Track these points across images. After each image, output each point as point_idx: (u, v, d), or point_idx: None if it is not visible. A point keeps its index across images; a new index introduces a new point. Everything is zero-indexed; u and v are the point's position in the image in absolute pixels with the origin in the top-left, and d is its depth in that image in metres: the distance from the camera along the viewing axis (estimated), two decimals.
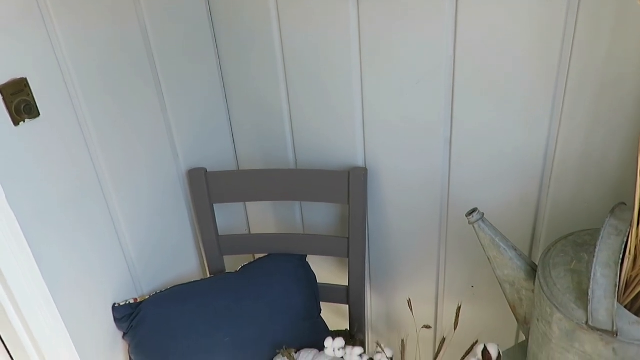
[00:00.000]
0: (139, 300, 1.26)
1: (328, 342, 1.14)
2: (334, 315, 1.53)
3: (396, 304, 1.44)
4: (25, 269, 1.00)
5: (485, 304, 1.27)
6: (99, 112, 1.10)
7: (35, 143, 0.98)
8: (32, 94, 0.94)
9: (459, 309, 1.15)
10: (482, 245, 0.95)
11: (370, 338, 1.56)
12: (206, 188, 1.30)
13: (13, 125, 0.93)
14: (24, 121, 0.94)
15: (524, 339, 1.07)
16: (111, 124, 1.14)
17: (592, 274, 0.75)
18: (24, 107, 0.92)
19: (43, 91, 0.98)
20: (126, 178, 1.20)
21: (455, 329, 1.14)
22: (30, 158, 0.98)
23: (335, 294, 1.39)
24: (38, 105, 0.96)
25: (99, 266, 1.18)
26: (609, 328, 0.74)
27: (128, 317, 1.23)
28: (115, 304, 1.23)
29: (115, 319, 1.23)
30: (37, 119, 0.97)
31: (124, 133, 1.17)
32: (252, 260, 1.38)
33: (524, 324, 0.99)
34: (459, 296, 1.29)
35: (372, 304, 1.49)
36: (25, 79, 0.93)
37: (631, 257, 0.78)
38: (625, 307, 0.78)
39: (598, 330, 0.75)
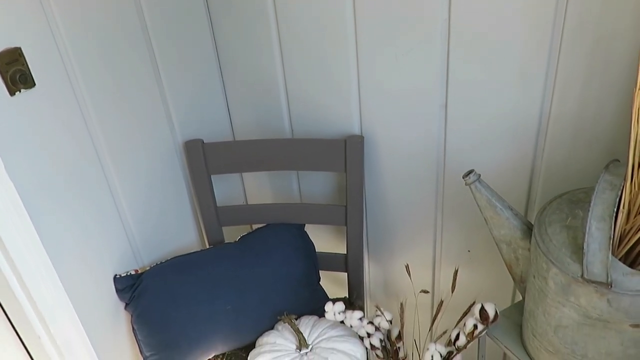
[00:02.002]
0: (139, 271, 1.27)
1: (328, 306, 1.16)
2: (333, 284, 1.55)
3: (394, 271, 1.46)
4: (27, 240, 1.01)
5: (481, 268, 1.29)
6: (95, 84, 1.10)
7: (32, 113, 0.98)
8: (26, 63, 0.94)
9: (456, 272, 1.17)
10: (478, 206, 0.96)
11: (368, 305, 1.58)
12: (203, 159, 1.30)
13: (9, 95, 0.93)
14: (20, 91, 0.94)
15: (520, 300, 1.09)
16: (107, 95, 1.13)
17: (587, 228, 0.77)
18: (19, 76, 0.92)
19: (38, 61, 0.97)
20: (123, 150, 1.20)
21: (452, 292, 1.16)
22: (28, 128, 0.98)
23: (333, 262, 1.41)
24: (33, 75, 0.96)
25: (99, 237, 1.19)
26: (603, 280, 0.76)
27: (129, 287, 1.24)
28: (116, 275, 1.24)
29: (117, 290, 1.24)
30: (33, 89, 0.96)
31: (119, 105, 1.17)
32: (251, 231, 1.39)
33: (520, 282, 1.01)
34: (455, 261, 1.31)
35: (370, 272, 1.51)
36: (19, 48, 0.93)
37: (625, 211, 0.79)
38: (619, 259, 0.80)
39: (593, 282, 0.77)
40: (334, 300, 1.20)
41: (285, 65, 1.27)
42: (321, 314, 1.28)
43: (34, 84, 0.96)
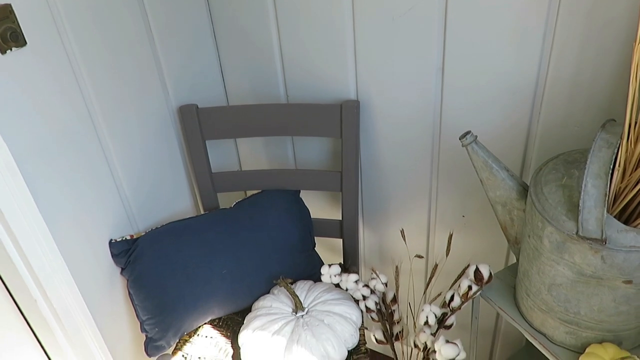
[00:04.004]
0: (135, 237, 1.27)
1: (324, 269, 1.17)
2: (327, 251, 1.56)
3: (388, 237, 1.46)
4: (22, 202, 1.00)
5: (475, 232, 1.30)
6: (87, 45, 1.08)
7: (24, 73, 0.96)
8: (17, 21, 0.92)
9: (450, 236, 1.18)
10: (474, 167, 0.97)
11: (363, 271, 1.60)
12: (198, 124, 1.29)
13: (0, 54, 0.91)
14: (11, 49, 0.92)
15: (513, 263, 1.11)
16: (99, 57, 1.11)
17: (583, 185, 0.77)
18: (10, 34, 0.90)
19: (28, 19, 0.95)
20: (117, 113, 1.19)
21: (447, 255, 1.17)
22: (20, 88, 0.96)
23: (328, 228, 1.41)
24: (24, 34, 0.94)
25: (94, 202, 1.18)
26: (598, 236, 0.77)
27: (125, 252, 1.24)
28: (111, 239, 1.24)
29: (113, 255, 1.24)
30: (24, 48, 0.95)
31: (112, 67, 1.15)
32: (246, 197, 1.39)
33: (514, 244, 1.02)
34: (450, 226, 1.32)
35: (365, 238, 1.52)
36: (10, 5, 0.90)
37: (620, 169, 0.80)
38: (614, 217, 0.80)
39: (588, 239, 0.78)
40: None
41: (280, 29, 1.25)
42: (316, 279, 1.29)
43: (25, 43, 0.94)
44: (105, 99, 1.15)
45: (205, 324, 1.33)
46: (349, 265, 1.44)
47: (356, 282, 1.16)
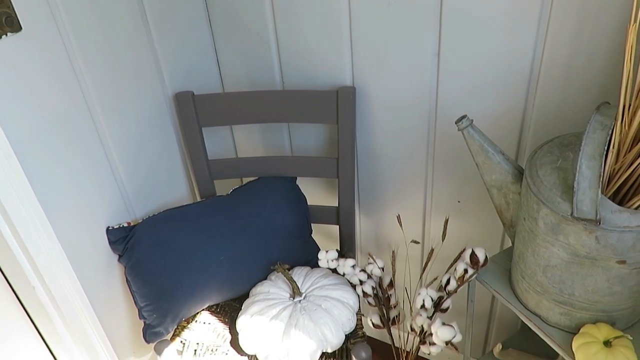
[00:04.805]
0: (132, 224, 1.27)
1: (322, 254, 1.18)
2: (324, 238, 1.57)
3: (385, 223, 1.47)
4: (19, 189, 1.00)
5: (471, 218, 1.31)
6: (83, 32, 1.08)
7: (20, 58, 0.96)
8: (12, 6, 0.91)
9: (446, 221, 1.19)
10: (470, 151, 0.97)
11: (359, 258, 1.61)
12: (194, 111, 1.29)
13: None
14: (6, 35, 0.91)
15: (508, 247, 1.12)
16: (95, 44, 1.11)
17: (578, 167, 0.78)
18: (5, 19, 0.89)
19: (24, 4, 0.94)
20: (113, 100, 1.18)
21: (443, 240, 1.18)
22: (16, 74, 0.96)
23: (325, 214, 1.42)
24: (19, 19, 0.93)
25: (91, 189, 1.18)
26: (592, 217, 0.78)
27: (122, 239, 1.24)
28: (109, 227, 1.24)
29: (110, 242, 1.25)
30: (19, 33, 0.94)
31: (107, 54, 1.15)
32: (242, 184, 1.40)
33: (509, 227, 1.03)
34: (446, 211, 1.33)
35: (361, 224, 1.53)
36: None
37: (614, 151, 0.81)
38: (608, 198, 0.81)
39: (582, 220, 0.78)
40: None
41: (276, 15, 1.25)
42: (313, 265, 1.30)
43: (21, 28, 0.94)
44: (101, 85, 1.14)
45: (203, 310, 1.34)
46: (345, 251, 1.44)
47: (353, 267, 1.17)
